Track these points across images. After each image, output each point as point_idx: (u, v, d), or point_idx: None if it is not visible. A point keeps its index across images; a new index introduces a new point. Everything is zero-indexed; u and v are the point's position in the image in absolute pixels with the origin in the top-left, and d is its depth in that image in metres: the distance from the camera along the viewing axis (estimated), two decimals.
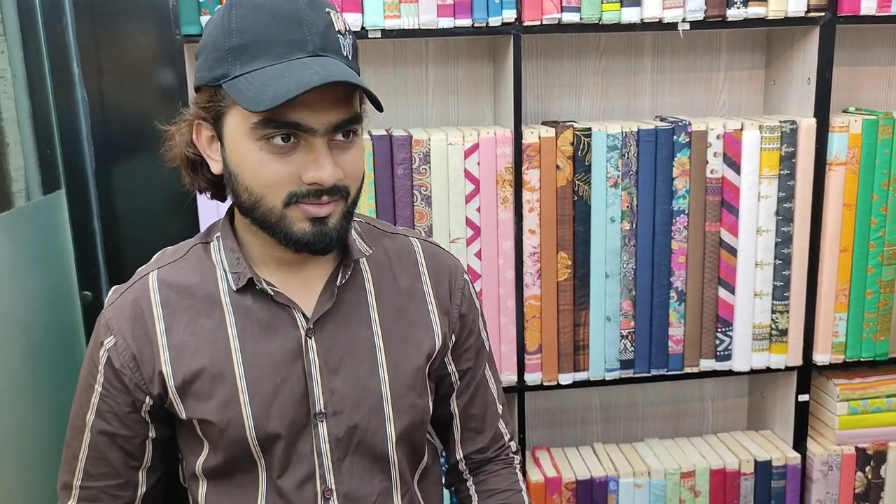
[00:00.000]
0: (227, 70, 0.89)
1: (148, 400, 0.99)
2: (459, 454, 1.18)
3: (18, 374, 1.36)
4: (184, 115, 0.99)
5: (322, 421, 1.00)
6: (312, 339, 0.99)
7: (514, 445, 1.22)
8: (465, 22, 1.52)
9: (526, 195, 1.59)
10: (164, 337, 0.98)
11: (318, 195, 0.91)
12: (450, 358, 1.13)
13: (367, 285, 1.05)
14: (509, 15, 1.52)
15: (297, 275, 1.01)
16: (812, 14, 1.59)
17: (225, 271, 1.00)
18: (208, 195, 1.05)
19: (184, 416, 0.99)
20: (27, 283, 1.42)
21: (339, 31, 0.92)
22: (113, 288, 1.04)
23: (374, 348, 1.03)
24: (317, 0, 0.91)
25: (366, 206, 1.56)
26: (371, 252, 1.06)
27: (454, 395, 1.15)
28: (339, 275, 1.02)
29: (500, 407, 1.19)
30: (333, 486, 1.01)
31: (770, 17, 1.58)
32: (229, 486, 1.02)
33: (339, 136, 0.92)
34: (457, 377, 1.14)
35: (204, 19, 1.46)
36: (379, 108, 0.93)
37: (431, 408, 1.11)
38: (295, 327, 0.99)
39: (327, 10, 0.91)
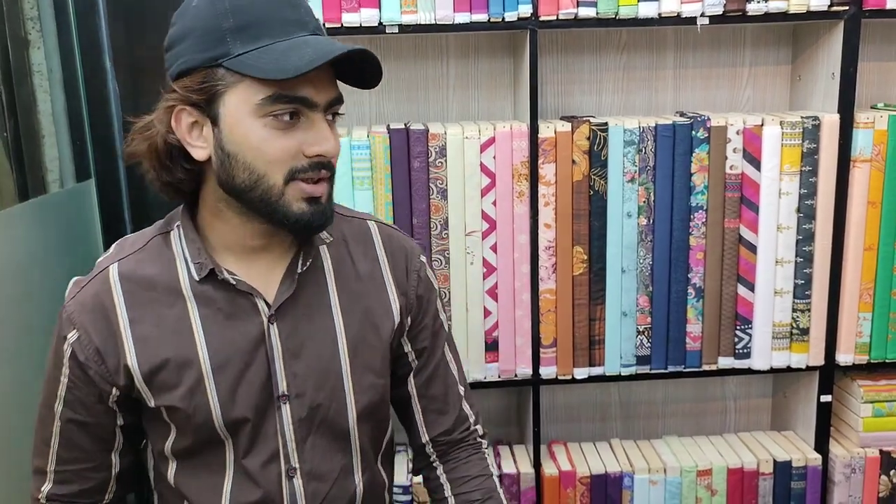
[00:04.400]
0: (228, 49, 0.90)
1: (114, 391, 1.01)
2: (425, 437, 1.19)
3: (41, 359, 1.42)
4: (164, 102, 0.95)
5: (285, 403, 1.02)
6: (274, 325, 1.01)
7: (480, 429, 1.22)
8: (482, 17, 1.53)
9: (541, 189, 1.60)
10: (127, 330, 0.99)
11: (317, 169, 0.94)
12: (406, 338, 1.15)
13: (327, 270, 1.07)
14: (525, 10, 1.53)
15: (259, 262, 1.03)
16: (836, 8, 1.56)
17: (186, 261, 1.01)
18: (168, 195, 1.02)
19: (152, 404, 1.01)
20: (56, 266, 1.48)
21: (316, 18, 0.96)
22: (73, 280, 1.04)
23: (334, 332, 1.05)
24: None
25: (382, 198, 1.58)
26: (332, 239, 1.08)
27: (412, 374, 1.16)
28: (300, 262, 1.03)
29: (461, 388, 1.20)
30: (297, 465, 1.04)
31: (792, 12, 1.56)
32: (197, 465, 1.05)
33: (329, 115, 0.96)
34: (414, 356, 1.16)
35: None
36: (371, 86, 0.98)
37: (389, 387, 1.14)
38: (257, 314, 1.01)
39: None
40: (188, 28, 0.93)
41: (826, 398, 1.75)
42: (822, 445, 1.77)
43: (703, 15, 1.55)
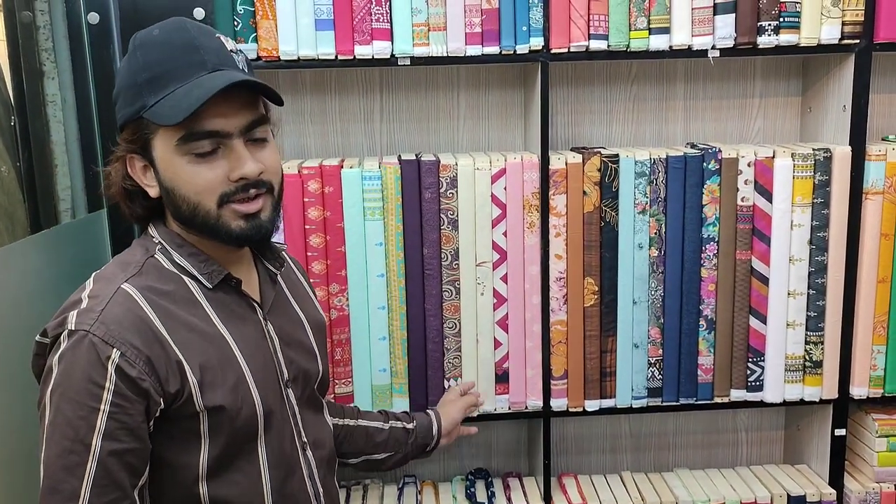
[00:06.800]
0: (144, 102, 1.02)
1: (162, 403, 1.02)
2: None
3: None
4: (115, 153, 1.10)
5: (289, 387, 1.17)
6: (268, 321, 1.17)
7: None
8: (493, 49, 1.54)
9: (552, 220, 1.60)
10: (168, 336, 1.04)
11: (246, 190, 1.06)
12: None
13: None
14: (537, 42, 1.54)
15: (238, 270, 1.16)
16: (846, 41, 1.57)
17: (192, 275, 1.11)
18: (140, 226, 1.17)
19: (199, 405, 1.04)
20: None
21: (231, 50, 1.07)
22: (77, 311, 1.02)
23: (302, 322, 1.24)
24: (205, 28, 1.07)
25: (393, 228, 1.58)
26: (286, 246, 1.35)
27: None
28: (270, 265, 1.22)
29: None
30: (306, 439, 1.19)
31: (802, 45, 1.57)
32: (232, 474, 1.09)
33: (252, 137, 1.07)
34: None
35: (240, 46, 1.51)
36: (279, 102, 1.09)
37: None
38: (255, 313, 1.16)
39: (217, 35, 1.07)
40: (119, 87, 1.07)
41: (840, 432, 1.73)
42: (836, 480, 1.74)
43: (713, 48, 1.56)
